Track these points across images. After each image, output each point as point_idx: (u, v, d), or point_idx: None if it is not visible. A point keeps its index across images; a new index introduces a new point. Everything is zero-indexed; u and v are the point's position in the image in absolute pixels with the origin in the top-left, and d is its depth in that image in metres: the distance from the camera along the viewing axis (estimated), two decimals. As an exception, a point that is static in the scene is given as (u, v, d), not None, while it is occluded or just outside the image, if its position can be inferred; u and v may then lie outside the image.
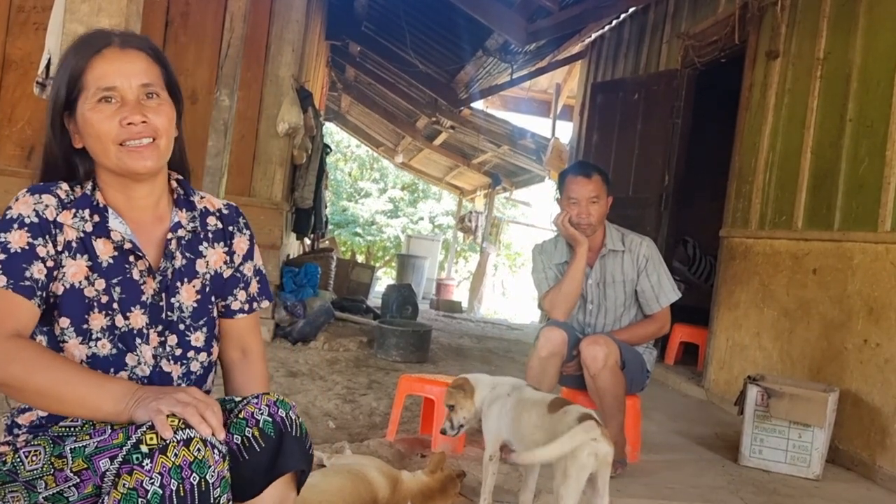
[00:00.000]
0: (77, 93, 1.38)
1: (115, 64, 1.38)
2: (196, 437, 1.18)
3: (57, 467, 1.26)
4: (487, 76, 9.33)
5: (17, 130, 5.28)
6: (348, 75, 11.88)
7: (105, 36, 1.41)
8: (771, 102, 4.62)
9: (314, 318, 5.73)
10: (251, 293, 1.59)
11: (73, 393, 1.23)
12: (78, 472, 1.25)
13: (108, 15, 2.06)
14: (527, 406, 2.36)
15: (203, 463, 1.17)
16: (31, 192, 1.38)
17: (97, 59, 1.38)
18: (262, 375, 1.60)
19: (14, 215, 1.34)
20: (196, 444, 1.17)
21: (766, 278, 4.41)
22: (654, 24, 6.74)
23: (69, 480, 1.26)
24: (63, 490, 1.26)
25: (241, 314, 1.57)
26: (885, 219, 3.47)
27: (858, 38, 3.84)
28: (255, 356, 1.60)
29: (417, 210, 21.98)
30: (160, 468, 1.14)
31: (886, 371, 3.33)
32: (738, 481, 3.13)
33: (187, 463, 1.16)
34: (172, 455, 1.15)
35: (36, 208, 1.35)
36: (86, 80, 1.37)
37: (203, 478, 1.17)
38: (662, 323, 3.29)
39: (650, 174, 6.05)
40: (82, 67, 1.37)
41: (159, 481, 1.14)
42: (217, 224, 1.55)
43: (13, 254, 1.30)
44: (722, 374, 4.80)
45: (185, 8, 5.50)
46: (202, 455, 1.17)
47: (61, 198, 1.38)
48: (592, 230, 3.21)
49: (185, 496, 1.14)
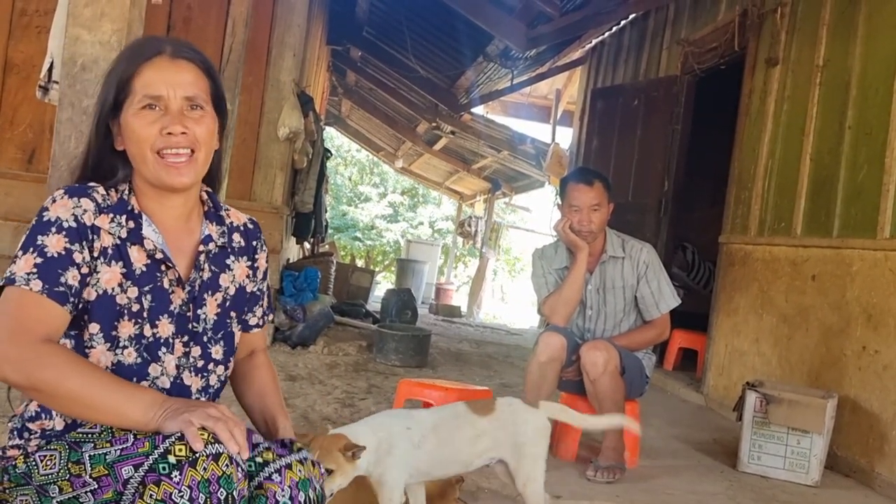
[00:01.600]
0: (124, 96, 1.39)
1: (163, 73, 1.39)
2: (225, 452, 1.19)
3: (74, 473, 1.26)
4: (488, 81, 9.35)
5: (18, 134, 5.28)
6: (349, 80, 11.90)
7: (158, 43, 1.43)
8: (770, 109, 4.63)
9: (314, 323, 5.73)
10: (265, 308, 1.65)
11: (103, 400, 1.23)
12: (98, 477, 1.25)
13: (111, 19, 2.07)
14: (451, 425, 2.21)
15: (230, 479, 1.18)
16: (69, 195, 1.36)
17: (147, 67, 1.39)
18: (272, 378, 1.65)
19: (52, 218, 1.33)
20: (224, 459, 1.18)
21: (765, 284, 4.42)
22: (654, 30, 6.76)
23: (87, 486, 1.26)
24: (79, 495, 1.26)
25: (256, 329, 1.63)
26: (883, 226, 3.48)
27: (858, 45, 3.86)
28: (264, 355, 1.67)
29: (417, 215, 22.00)
30: (189, 481, 1.14)
31: (885, 378, 3.34)
32: (737, 487, 3.13)
33: (216, 477, 1.16)
34: (202, 469, 1.16)
35: (74, 212, 1.34)
36: (134, 85, 1.38)
37: (230, 493, 1.18)
38: (662, 329, 3.30)
39: (650, 180, 6.06)
40: (131, 73, 1.39)
41: (188, 494, 1.14)
42: (241, 240, 1.58)
43: (50, 258, 1.30)
44: (721, 379, 4.81)
45: (187, 13, 5.52)
46: (230, 471, 1.18)
47: (98, 201, 1.38)
48: (593, 237, 3.22)
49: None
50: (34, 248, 1.30)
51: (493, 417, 2.24)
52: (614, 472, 2.96)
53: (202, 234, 1.49)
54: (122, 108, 1.39)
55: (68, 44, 2.05)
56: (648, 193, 6.03)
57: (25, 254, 1.30)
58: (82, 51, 2.04)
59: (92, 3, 2.03)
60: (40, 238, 1.31)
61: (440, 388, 3.17)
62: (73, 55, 2.04)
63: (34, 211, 1.39)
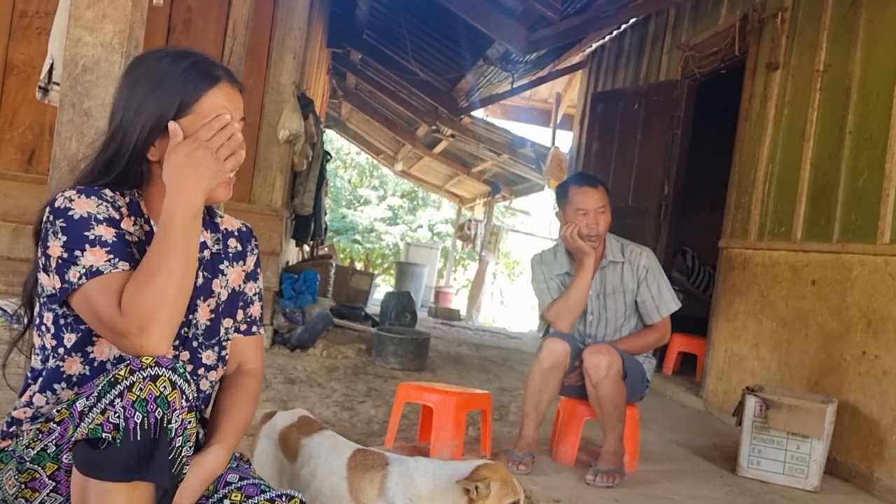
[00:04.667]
0: (182, 114, 1.39)
1: (229, 99, 1.43)
2: (164, 376, 1.21)
3: (27, 481, 1.30)
4: (488, 85, 9.36)
5: (18, 135, 5.28)
6: (349, 83, 11.91)
7: (215, 66, 1.45)
8: (771, 114, 4.63)
9: (313, 325, 5.73)
10: (251, 315, 1.60)
11: (176, 252, 1.28)
12: (52, 474, 1.29)
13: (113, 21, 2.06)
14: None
15: (166, 400, 1.19)
16: (84, 194, 1.36)
17: (215, 90, 1.42)
18: (249, 397, 1.55)
19: (84, 213, 1.33)
20: (163, 381, 1.20)
21: (764, 289, 4.42)
22: (655, 34, 6.76)
23: (46, 486, 1.29)
24: (43, 501, 1.30)
25: (240, 335, 1.58)
26: (883, 231, 3.48)
27: (858, 50, 3.86)
28: (250, 376, 1.58)
29: (416, 218, 22.01)
30: (125, 402, 1.17)
31: (885, 383, 3.33)
32: (736, 492, 3.12)
33: (153, 397, 1.18)
34: (137, 390, 1.18)
35: (99, 209, 1.35)
36: (198, 105, 1.40)
37: (166, 414, 1.19)
38: (663, 333, 3.29)
39: (650, 184, 6.07)
40: (200, 93, 1.40)
41: (122, 413, 1.16)
42: (237, 245, 1.59)
43: (113, 243, 1.32)
44: (720, 384, 4.80)
45: (187, 14, 5.52)
46: (168, 394, 1.20)
47: (112, 202, 1.39)
48: (600, 240, 3.22)
49: (148, 429, 1.17)
50: (91, 241, 1.30)
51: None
52: (614, 476, 2.96)
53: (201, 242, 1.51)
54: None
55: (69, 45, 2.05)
56: (649, 197, 6.03)
57: (83, 251, 1.29)
58: (84, 52, 2.03)
59: (93, 5, 2.03)
60: (88, 232, 1.31)
61: (439, 391, 3.17)
62: (74, 57, 2.04)
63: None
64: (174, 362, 1.24)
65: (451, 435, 3.01)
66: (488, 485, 1.78)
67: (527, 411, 3.16)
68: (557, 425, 3.39)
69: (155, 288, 1.25)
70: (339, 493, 1.89)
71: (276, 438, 2.07)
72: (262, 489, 1.43)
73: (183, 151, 1.34)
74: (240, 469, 1.51)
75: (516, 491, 1.83)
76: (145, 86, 1.41)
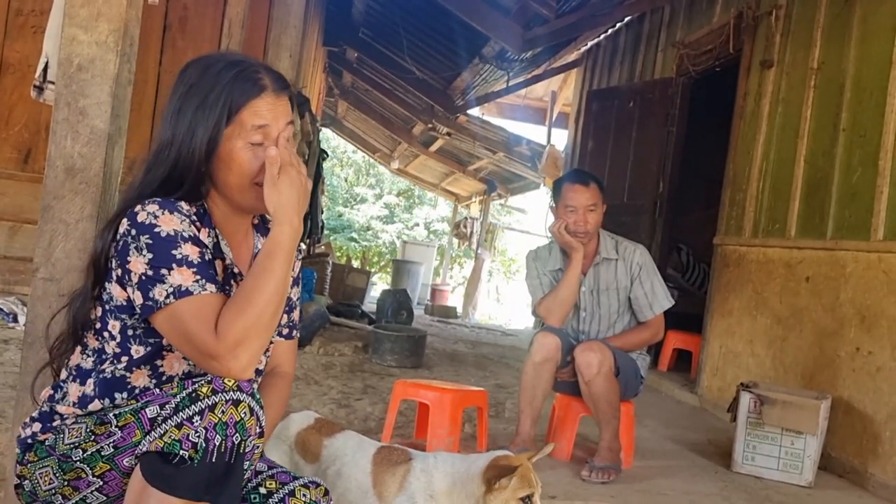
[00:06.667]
0: (229, 122, 1.39)
1: (270, 108, 1.41)
2: (245, 401, 1.23)
3: (72, 478, 1.31)
4: (484, 83, 9.36)
5: (14, 133, 5.28)
6: (345, 81, 11.90)
7: (262, 76, 1.43)
8: (765, 111, 4.64)
9: (309, 323, 5.73)
10: (293, 319, 1.64)
11: (274, 284, 1.30)
12: (101, 474, 1.29)
13: (108, 19, 2.06)
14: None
15: (244, 426, 1.22)
16: (166, 209, 1.35)
17: (257, 101, 1.40)
18: (281, 399, 1.59)
19: (171, 231, 1.32)
20: (244, 407, 1.23)
21: (759, 286, 4.44)
22: (650, 32, 6.77)
23: (91, 485, 1.30)
24: (85, 496, 1.31)
25: (279, 338, 1.61)
26: (877, 228, 3.49)
27: (852, 48, 3.87)
28: (283, 379, 1.61)
29: (413, 216, 22.01)
30: (206, 423, 1.19)
31: (878, 379, 3.35)
32: (731, 488, 3.14)
33: (233, 422, 1.20)
34: (220, 412, 1.20)
35: (183, 225, 1.35)
36: (242, 115, 1.39)
37: (244, 440, 1.21)
38: (656, 330, 3.31)
39: (645, 181, 6.08)
40: (242, 104, 1.39)
41: (204, 434, 1.18)
42: None
43: (199, 264, 1.32)
44: (715, 380, 4.82)
45: (183, 13, 5.52)
46: (247, 420, 1.22)
47: (188, 216, 1.38)
48: (589, 238, 3.23)
49: (224, 453, 1.19)
50: (178, 261, 1.30)
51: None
52: (609, 472, 2.97)
53: (255, 247, 1.54)
54: (223, 133, 1.39)
55: (64, 44, 2.05)
56: (644, 195, 6.05)
57: (170, 270, 1.29)
58: (78, 51, 2.03)
59: (88, 4, 2.03)
60: (176, 251, 1.31)
61: (436, 388, 3.18)
62: (69, 55, 2.04)
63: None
64: (253, 388, 1.26)
65: (447, 432, 3.02)
66: (510, 477, 1.80)
67: (522, 407, 3.18)
68: (553, 422, 3.40)
69: (253, 314, 1.26)
70: (364, 487, 1.92)
71: (291, 441, 2.08)
72: (294, 476, 1.47)
73: (287, 182, 1.34)
74: (263, 458, 1.54)
75: (532, 483, 1.84)
76: (196, 98, 1.40)
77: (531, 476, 1.85)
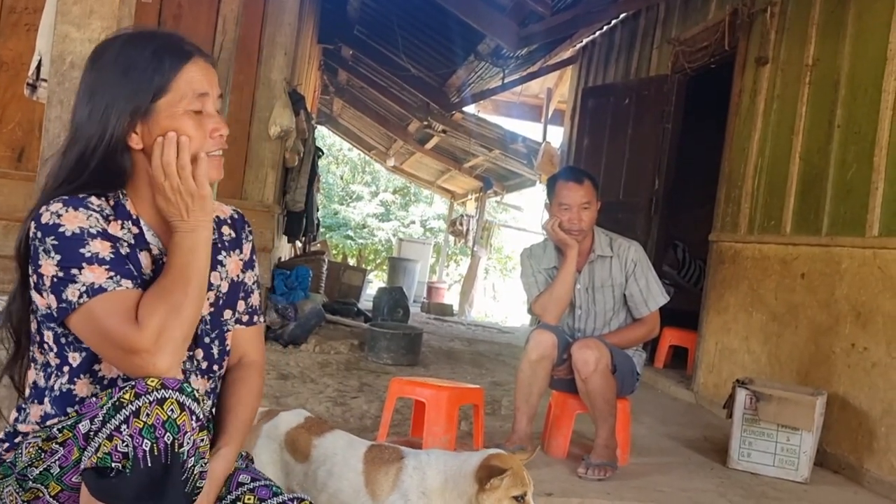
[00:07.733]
0: (160, 96, 1.34)
1: (206, 74, 1.37)
2: (171, 398, 1.18)
3: (30, 500, 1.27)
4: (479, 80, 9.35)
5: (7, 132, 5.26)
6: (340, 79, 11.88)
7: (186, 42, 1.39)
8: (760, 108, 4.65)
9: (305, 321, 5.73)
10: (252, 304, 1.56)
11: (190, 280, 1.28)
12: (55, 495, 1.25)
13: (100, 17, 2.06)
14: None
15: (175, 424, 1.17)
16: (71, 207, 1.29)
17: (190, 66, 1.35)
18: (253, 392, 1.52)
19: (76, 229, 1.27)
20: (170, 404, 1.18)
21: (754, 283, 4.44)
22: (645, 29, 6.77)
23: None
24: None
25: (241, 325, 1.54)
26: (872, 224, 3.50)
27: (847, 44, 3.87)
28: (252, 369, 1.54)
29: (409, 213, 21.99)
30: (132, 430, 1.15)
31: (873, 375, 3.36)
32: (727, 484, 3.14)
33: (160, 422, 1.16)
34: (144, 416, 1.16)
35: (90, 221, 1.29)
36: (175, 84, 1.34)
37: (176, 438, 1.17)
38: (652, 326, 3.31)
39: (640, 178, 6.08)
40: (174, 71, 1.34)
41: (130, 442, 1.15)
42: (231, 232, 1.54)
43: (111, 259, 1.27)
44: (711, 377, 4.83)
45: (177, 10, 5.50)
46: (177, 417, 1.18)
47: (98, 210, 1.32)
48: (583, 235, 3.23)
49: (158, 455, 1.15)
50: (87, 259, 1.25)
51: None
52: (606, 469, 2.97)
53: None
54: (154, 107, 1.33)
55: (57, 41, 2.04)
56: (639, 192, 6.05)
57: (80, 269, 1.24)
58: (71, 48, 2.03)
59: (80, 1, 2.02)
60: (84, 249, 1.26)
61: (431, 386, 3.17)
62: (61, 53, 2.03)
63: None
64: (181, 382, 1.21)
65: (443, 429, 3.01)
66: (502, 476, 1.79)
67: (518, 405, 3.18)
68: (549, 419, 3.40)
69: (173, 304, 1.23)
70: (356, 486, 1.91)
71: (281, 440, 2.06)
72: (275, 491, 1.42)
73: (162, 200, 1.32)
74: (249, 469, 1.48)
75: (524, 483, 1.83)
76: (113, 75, 1.34)
77: (524, 475, 1.85)
